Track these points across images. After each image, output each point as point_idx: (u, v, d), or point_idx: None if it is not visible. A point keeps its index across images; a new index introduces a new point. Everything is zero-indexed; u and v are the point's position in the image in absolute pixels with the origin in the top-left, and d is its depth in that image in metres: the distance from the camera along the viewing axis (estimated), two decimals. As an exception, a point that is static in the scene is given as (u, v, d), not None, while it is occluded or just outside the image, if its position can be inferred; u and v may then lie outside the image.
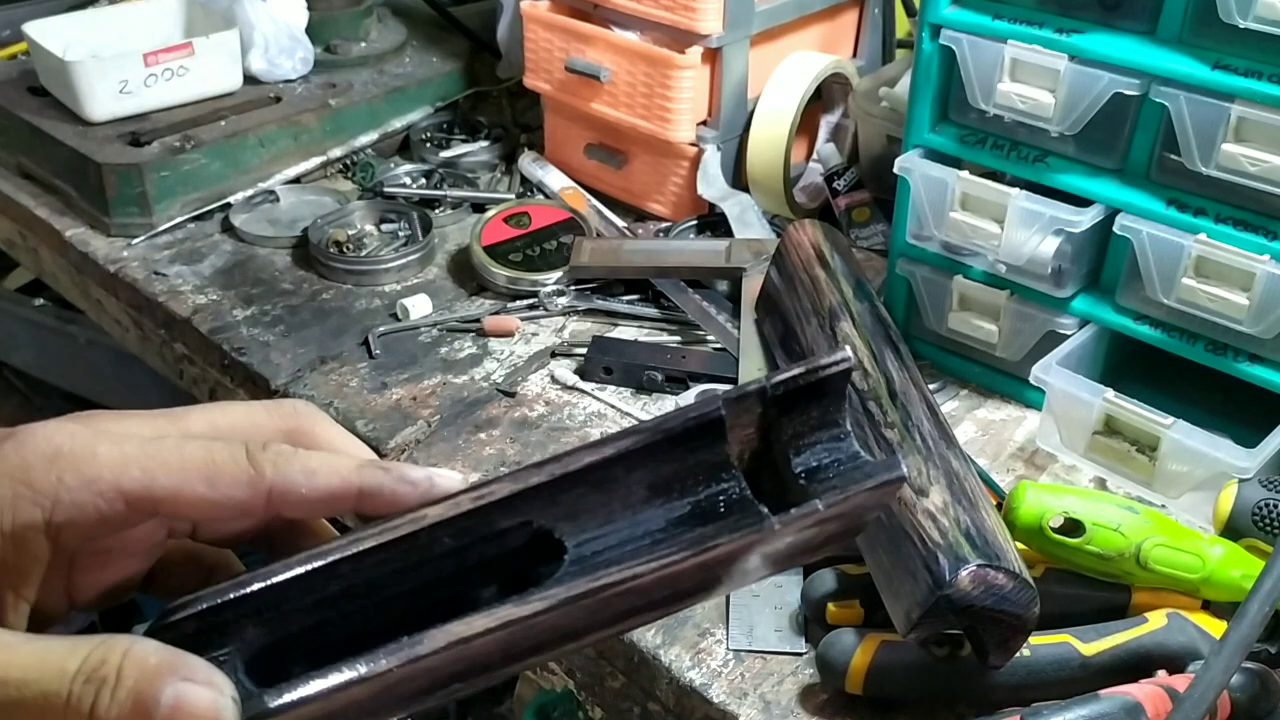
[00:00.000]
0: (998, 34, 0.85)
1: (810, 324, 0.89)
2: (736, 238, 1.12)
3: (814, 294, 0.90)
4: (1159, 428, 0.81)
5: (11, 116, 1.24)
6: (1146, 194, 0.84)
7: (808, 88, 1.13)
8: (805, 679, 0.73)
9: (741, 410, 0.38)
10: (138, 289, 1.11)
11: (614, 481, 0.38)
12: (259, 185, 1.22)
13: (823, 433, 0.39)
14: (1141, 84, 0.81)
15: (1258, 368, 0.83)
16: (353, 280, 1.12)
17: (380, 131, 1.31)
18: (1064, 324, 0.91)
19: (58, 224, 1.20)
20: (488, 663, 0.37)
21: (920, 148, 0.93)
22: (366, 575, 0.38)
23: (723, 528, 0.36)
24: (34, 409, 1.72)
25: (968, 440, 0.92)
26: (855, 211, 1.16)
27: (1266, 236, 0.79)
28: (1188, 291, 0.82)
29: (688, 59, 1.10)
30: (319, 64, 1.33)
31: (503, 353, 1.02)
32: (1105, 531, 0.71)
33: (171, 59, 1.21)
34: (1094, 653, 0.69)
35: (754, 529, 0.36)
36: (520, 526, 0.38)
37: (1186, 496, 0.82)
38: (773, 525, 0.36)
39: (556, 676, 0.83)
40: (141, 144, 1.18)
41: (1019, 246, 0.88)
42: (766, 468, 0.39)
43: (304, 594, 0.38)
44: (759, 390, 0.38)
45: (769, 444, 0.39)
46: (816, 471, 0.38)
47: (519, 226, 1.14)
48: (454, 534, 0.38)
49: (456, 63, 1.39)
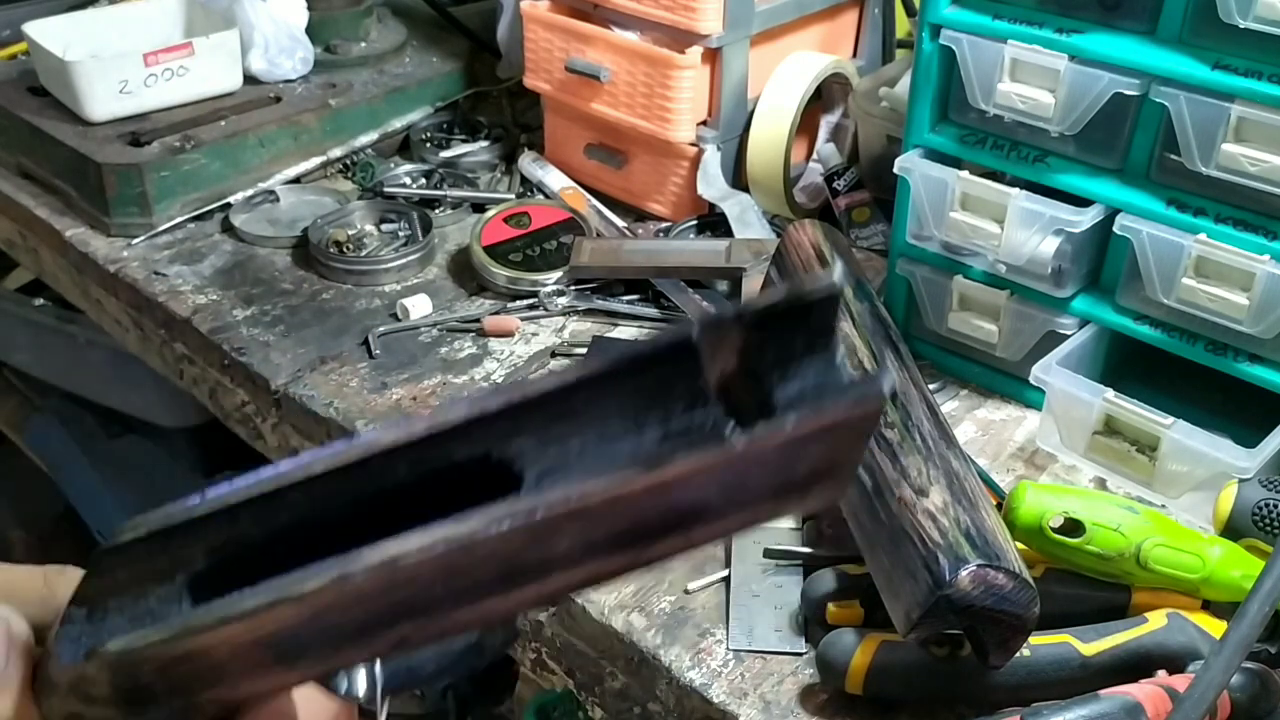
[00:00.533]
0: (998, 34, 0.85)
1: (810, 324, 0.89)
2: (736, 238, 1.12)
3: (814, 294, 0.90)
4: (1159, 428, 0.81)
5: (11, 116, 1.24)
6: (1146, 194, 0.84)
7: (808, 88, 1.13)
8: (805, 679, 0.73)
9: (719, 337, 0.34)
10: (138, 289, 1.11)
11: (580, 411, 0.35)
12: (259, 185, 1.22)
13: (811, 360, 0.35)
14: (1141, 84, 0.81)
15: (1258, 368, 0.83)
16: (353, 280, 1.12)
17: (380, 131, 1.31)
18: (1064, 324, 0.91)
19: (58, 224, 1.20)
20: (429, 597, 0.34)
21: (920, 148, 0.93)
22: (318, 506, 0.36)
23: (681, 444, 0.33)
24: (34, 409, 1.72)
25: (968, 440, 0.92)
26: (855, 211, 1.16)
27: (1266, 236, 0.79)
28: (1188, 291, 0.82)
29: (688, 59, 1.10)
30: (319, 64, 1.33)
31: (503, 353, 1.02)
32: (1105, 531, 0.71)
33: (171, 59, 1.21)
34: (1094, 653, 0.69)
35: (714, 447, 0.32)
36: (479, 459, 0.35)
37: (1186, 496, 0.82)
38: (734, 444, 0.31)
39: (556, 677, 0.83)
40: (141, 144, 1.18)
41: (1019, 246, 0.88)
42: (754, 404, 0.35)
43: (255, 521, 0.36)
44: (737, 315, 0.34)
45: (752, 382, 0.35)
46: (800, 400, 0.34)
47: (519, 226, 1.14)
48: (409, 463, 0.36)
49: (456, 63, 1.39)
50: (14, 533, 1.81)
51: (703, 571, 0.80)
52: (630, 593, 0.79)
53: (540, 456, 0.35)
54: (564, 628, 0.81)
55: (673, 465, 0.31)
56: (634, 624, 0.77)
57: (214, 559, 0.36)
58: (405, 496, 0.36)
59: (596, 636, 0.78)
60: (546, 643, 0.82)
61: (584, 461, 0.35)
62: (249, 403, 1.03)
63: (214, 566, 0.36)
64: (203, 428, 1.52)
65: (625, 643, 0.76)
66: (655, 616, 0.77)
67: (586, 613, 0.78)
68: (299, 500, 0.36)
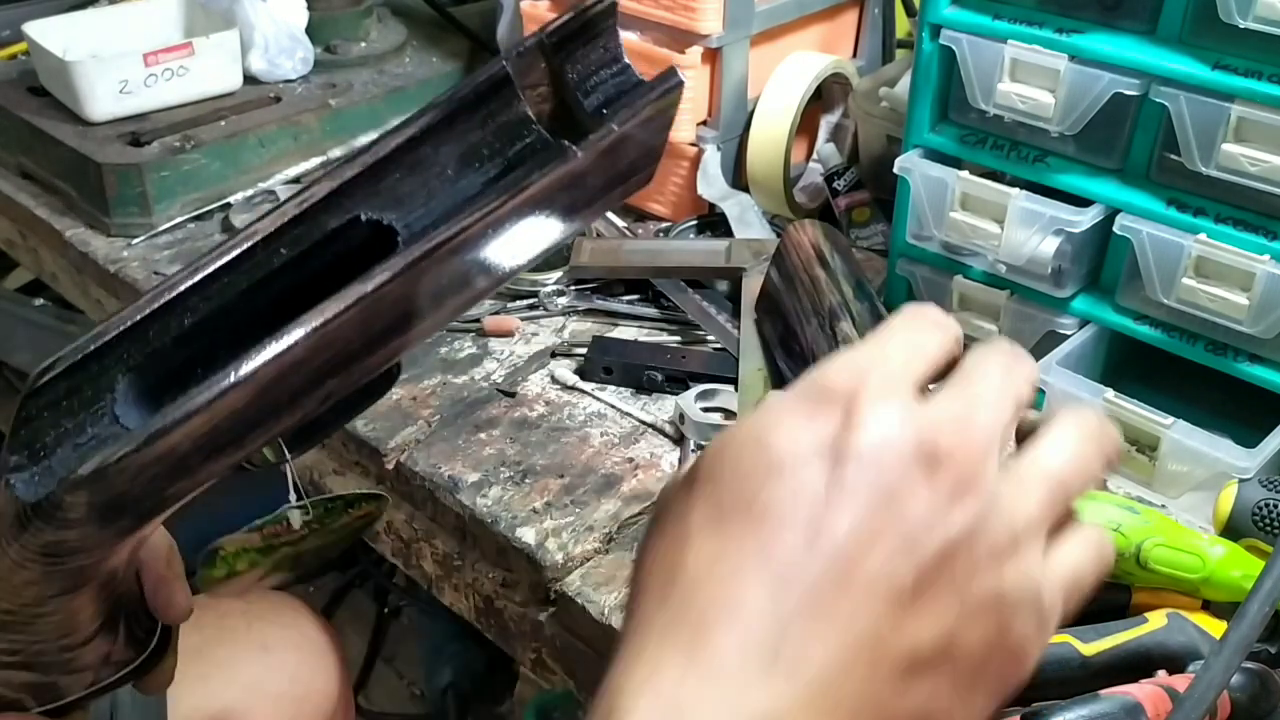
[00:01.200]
0: (998, 34, 0.85)
1: (810, 324, 0.89)
2: (736, 238, 1.12)
3: (814, 294, 0.90)
4: (1159, 428, 0.81)
5: (11, 116, 1.24)
6: (1146, 194, 0.84)
7: (808, 88, 1.13)
8: (805, 679, 0.73)
9: (527, 66, 0.40)
10: (138, 289, 1.11)
11: (426, 161, 0.40)
12: (259, 185, 1.22)
13: (605, 71, 0.40)
14: (1141, 84, 0.81)
15: (1258, 368, 0.83)
16: (353, 280, 1.11)
17: (380, 131, 1.30)
18: (1064, 324, 0.91)
19: (58, 224, 1.20)
20: (351, 349, 0.38)
21: (920, 148, 0.94)
22: (217, 302, 0.40)
23: (532, 167, 0.38)
24: (34, 409, 1.72)
25: (968, 440, 0.92)
26: (855, 211, 1.16)
27: (1266, 236, 0.79)
28: (1188, 291, 0.82)
29: (688, 59, 1.10)
30: (319, 64, 1.33)
31: (503, 353, 1.02)
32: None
33: (171, 59, 1.21)
34: (1094, 652, 0.69)
35: (561, 161, 0.37)
36: (351, 224, 0.40)
37: (1186, 496, 0.82)
38: (575, 153, 0.37)
39: (556, 677, 0.83)
40: (141, 144, 1.18)
41: (1019, 246, 0.88)
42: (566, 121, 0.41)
43: (162, 333, 0.40)
44: (536, 42, 0.40)
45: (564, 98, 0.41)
46: (607, 104, 0.40)
47: (519, 226, 1.14)
48: (289, 243, 0.40)
49: (456, 63, 1.39)
50: (14, 533, 1.81)
51: (703, 571, 0.80)
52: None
53: (404, 208, 0.40)
54: (564, 628, 0.81)
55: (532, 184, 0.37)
56: (634, 624, 0.76)
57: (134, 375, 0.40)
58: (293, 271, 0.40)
59: (596, 636, 0.78)
60: (546, 643, 0.82)
61: (441, 202, 0.40)
62: (249, 403, 1.03)
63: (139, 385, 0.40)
64: (203, 428, 1.52)
65: (625, 643, 0.76)
66: (655, 616, 0.77)
67: (586, 613, 0.78)
68: (197, 303, 0.40)
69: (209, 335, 0.40)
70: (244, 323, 0.39)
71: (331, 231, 0.40)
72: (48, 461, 0.39)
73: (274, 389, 0.37)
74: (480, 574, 0.86)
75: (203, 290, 0.39)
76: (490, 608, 0.87)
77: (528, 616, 0.83)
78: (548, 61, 0.40)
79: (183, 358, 0.40)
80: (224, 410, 0.37)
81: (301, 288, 0.39)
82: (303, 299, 0.38)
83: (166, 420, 0.37)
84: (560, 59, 0.40)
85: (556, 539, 0.82)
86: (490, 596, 0.86)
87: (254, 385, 0.37)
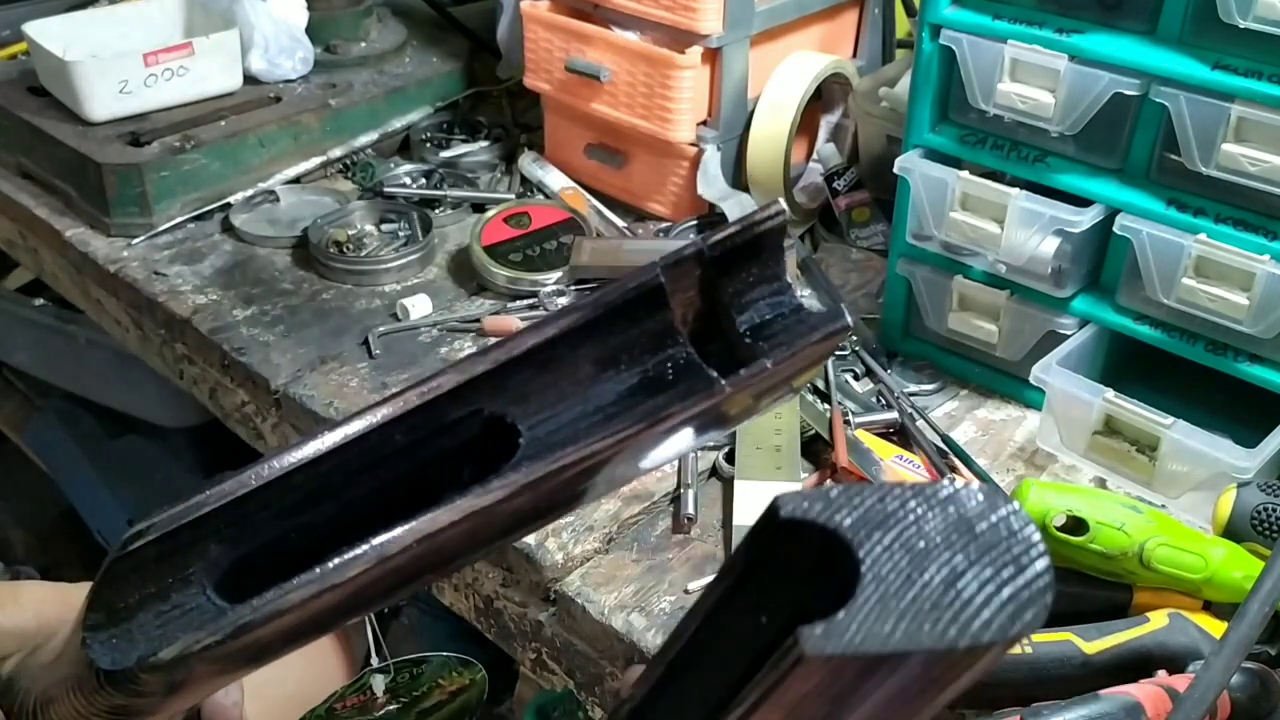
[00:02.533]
0: (998, 34, 0.85)
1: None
2: (736, 238, 1.11)
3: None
4: (1159, 428, 0.81)
5: (11, 116, 1.24)
6: (1146, 194, 0.84)
7: (808, 88, 1.13)
8: (806, 679, 0.73)
9: (681, 275, 0.38)
10: (138, 289, 1.11)
11: (560, 360, 0.38)
12: (259, 185, 1.22)
13: (764, 288, 0.38)
14: (1141, 84, 0.81)
15: (1258, 368, 0.83)
16: (353, 280, 1.12)
17: (380, 131, 1.31)
18: (1064, 324, 0.91)
19: (58, 224, 1.20)
20: (455, 553, 0.37)
21: (920, 148, 0.94)
22: (323, 482, 0.38)
23: (674, 396, 0.36)
24: (34, 409, 1.72)
25: (968, 440, 0.92)
26: (855, 211, 1.16)
27: (1266, 236, 0.79)
28: (1188, 291, 0.82)
29: (688, 59, 1.10)
30: (319, 64, 1.33)
31: (503, 353, 1.02)
32: (1109, 530, 0.71)
33: (171, 59, 1.21)
34: (1095, 651, 0.69)
35: (705, 394, 0.36)
36: (471, 415, 0.38)
37: (1186, 497, 0.82)
38: (724, 388, 0.35)
39: (556, 677, 0.83)
40: (141, 144, 1.18)
41: (1019, 246, 0.88)
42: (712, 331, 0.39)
43: (263, 507, 0.38)
44: (696, 252, 0.37)
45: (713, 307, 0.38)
46: (761, 328, 0.38)
47: (519, 226, 1.14)
48: (405, 430, 0.38)
49: (456, 63, 1.39)
50: (14, 533, 1.81)
51: (702, 571, 0.80)
52: (630, 593, 0.79)
53: (529, 406, 0.38)
54: (564, 628, 0.81)
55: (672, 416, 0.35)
56: (634, 624, 0.77)
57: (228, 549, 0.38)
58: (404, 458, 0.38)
59: (596, 636, 0.78)
60: (546, 643, 0.82)
61: (569, 406, 0.38)
62: (249, 403, 1.03)
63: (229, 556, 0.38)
64: (203, 428, 1.52)
65: (625, 643, 0.76)
66: (655, 616, 0.77)
67: (586, 613, 0.78)
68: (304, 481, 0.38)
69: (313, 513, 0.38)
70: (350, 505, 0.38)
71: (451, 422, 0.38)
72: (127, 625, 0.38)
73: (370, 588, 0.36)
74: (480, 574, 0.86)
75: (312, 469, 0.38)
76: (490, 608, 0.87)
77: (528, 616, 0.83)
78: (703, 270, 0.38)
79: (279, 531, 0.38)
80: (315, 608, 0.36)
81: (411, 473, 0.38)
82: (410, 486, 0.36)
83: (256, 615, 0.35)
84: (718, 270, 0.38)
85: (556, 539, 0.82)
86: (490, 596, 0.86)
87: (351, 587, 0.35)
